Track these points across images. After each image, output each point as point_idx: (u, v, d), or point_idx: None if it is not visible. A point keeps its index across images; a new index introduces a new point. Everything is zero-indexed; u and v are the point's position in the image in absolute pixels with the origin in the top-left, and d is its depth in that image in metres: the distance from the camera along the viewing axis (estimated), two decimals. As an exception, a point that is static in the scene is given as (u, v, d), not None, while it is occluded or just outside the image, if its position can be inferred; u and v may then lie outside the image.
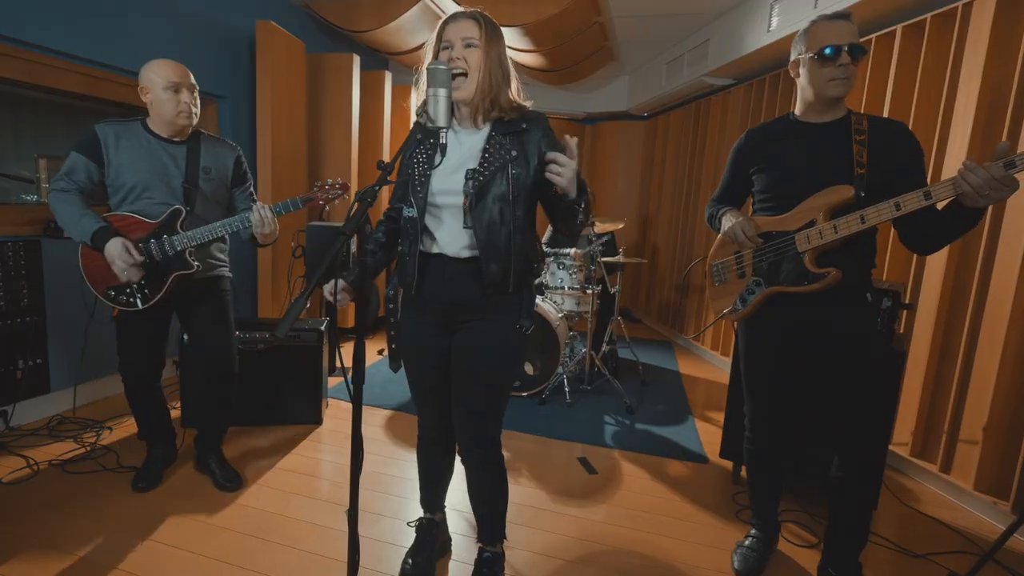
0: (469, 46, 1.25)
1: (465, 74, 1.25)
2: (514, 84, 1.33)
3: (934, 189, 1.26)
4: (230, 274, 2.06)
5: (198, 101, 1.88)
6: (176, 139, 1.87)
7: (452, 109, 1.24)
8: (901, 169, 1.38)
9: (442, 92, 1.11)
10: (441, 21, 1.29)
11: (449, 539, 1.76)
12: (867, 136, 1.40)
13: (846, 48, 1.35)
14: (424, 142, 1.35)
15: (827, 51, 1.37)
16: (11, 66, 2.30)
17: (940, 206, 1.35)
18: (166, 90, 1.78)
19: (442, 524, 1.71)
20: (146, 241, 1.79)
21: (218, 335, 1.98)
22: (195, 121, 1.88)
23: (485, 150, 1.29)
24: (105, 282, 1.81)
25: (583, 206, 1.21)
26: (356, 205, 0.95)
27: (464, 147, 1.32)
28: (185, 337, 2.35)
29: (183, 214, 1.83)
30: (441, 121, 1.12)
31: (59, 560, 1.60)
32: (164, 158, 1.83)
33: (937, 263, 2.31)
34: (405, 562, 1.60)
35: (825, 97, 1.42)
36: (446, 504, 1.72)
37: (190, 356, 2.33)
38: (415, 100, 1.36)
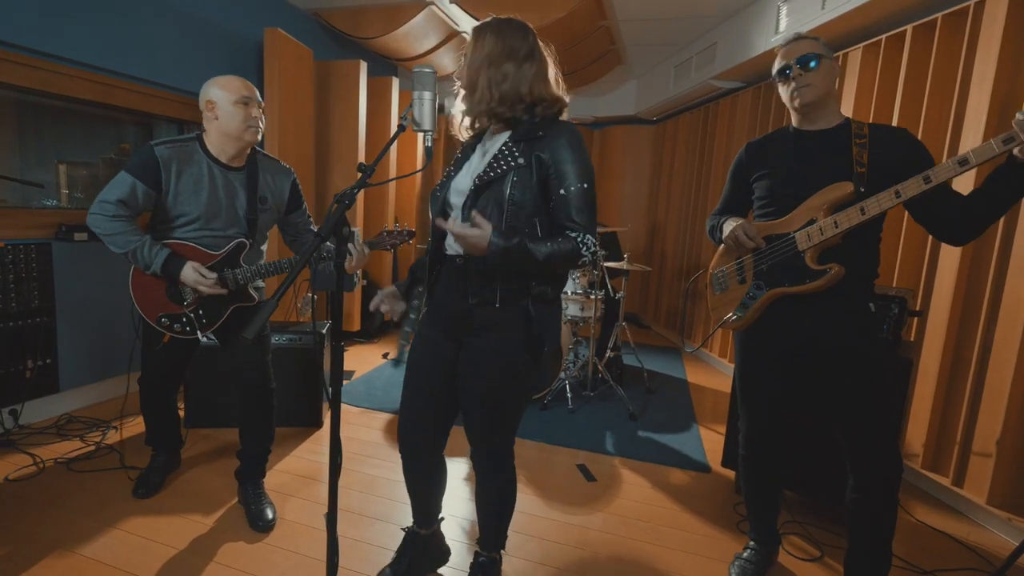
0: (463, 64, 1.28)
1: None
2: (531, 73, 1.22)
3: (934, 172, 1.26)
4: (263, 284, 1.99)
5: (264, 116, 1.83)
6: (235, 164, 1.78)
7: (437, 112, 1.24)
8: (903, 164, 1.34)
9: (427, 95, 1.11)
10: None
11: (447, 551, 1.68)
12: (867, 140, 1.40)
13: (794, 63, 1.42)
14: (465, 151, 1.39)
15: (777, 71, 1.47)
16: (25, 74, 2.36)
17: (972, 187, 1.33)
18: (236, 104, 1.70)
19: (429, 539, 1.61)
20: None
21: (258, 351, 1.91)
22: (260, 137, 1.80)
23: (495, 156, 1.25)
24: (159, 309, 1.77)
25: (536, 266, 1.18)
26: (334, 207, 0.95)
27: (487, 155, 1.31)
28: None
29: (247, 247, 1.78)
30: (426, 124, 1.12)
31: (60, 557, 1.63)
32: (226, 188, 1.76)
33: (948, 268, 2.25)
34: (382, 573, 1.56)
35: (795, 107, 1.48)
36: (443, 515, 1.63)
37: (232, 377, 2.01)
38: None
